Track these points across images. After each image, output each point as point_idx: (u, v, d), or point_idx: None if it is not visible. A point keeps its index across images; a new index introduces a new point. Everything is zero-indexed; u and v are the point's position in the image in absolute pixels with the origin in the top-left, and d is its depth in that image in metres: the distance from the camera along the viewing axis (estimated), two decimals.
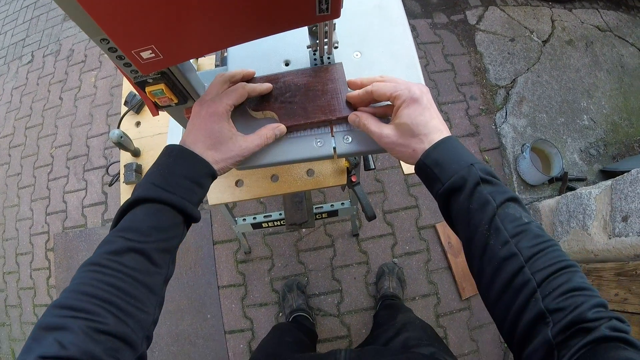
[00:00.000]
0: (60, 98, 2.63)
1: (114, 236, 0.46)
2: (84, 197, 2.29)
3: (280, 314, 1.83)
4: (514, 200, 0.47)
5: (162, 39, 0.43)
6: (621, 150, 2.18)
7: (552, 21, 2.49)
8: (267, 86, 0.60)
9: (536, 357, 0.38)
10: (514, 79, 2.29)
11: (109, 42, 0.46)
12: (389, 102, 0.55)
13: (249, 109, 0.61)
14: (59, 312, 0.39)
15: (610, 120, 2.23)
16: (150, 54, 0.45)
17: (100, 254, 0.44)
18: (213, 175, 0.55)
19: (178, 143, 0.55)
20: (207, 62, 1.03)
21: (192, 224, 0.55)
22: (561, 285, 0.39)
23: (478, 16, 2.49)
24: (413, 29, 2.44)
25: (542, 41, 2.42)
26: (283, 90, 0.61)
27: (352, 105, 0.58)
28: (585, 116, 2.22)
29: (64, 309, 0.39)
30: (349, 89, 0.59)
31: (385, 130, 0.53)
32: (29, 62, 2.91)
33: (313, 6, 0.44)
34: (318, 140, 0.58)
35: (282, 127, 0.57)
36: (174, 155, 0.53)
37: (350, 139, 0.58)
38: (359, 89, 0.57)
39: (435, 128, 0.51)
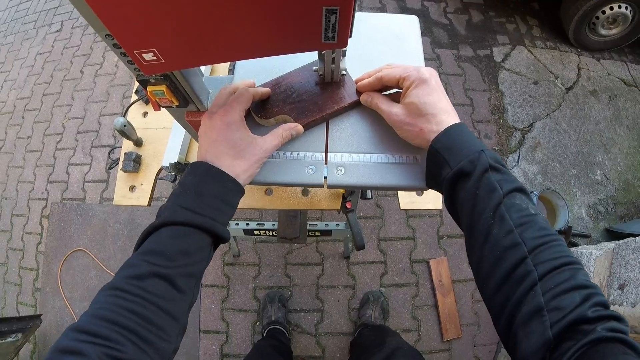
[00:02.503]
0: (82, 71, 2.66)
1: (137, 259, 0.44)
2: (87, 172, 2.31)
3: (258, 323, 1.80)
4: (522, 191, 0.46)
5: (164, 44, 0.42)
6: (630, 211, 2.13)
7: (579, 69, 2.47)
8: (266, 89, 0.59)
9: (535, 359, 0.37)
10: (532, 123, 2.26)
11: (113, 39, 0.45)
12: (397, 90, 0.56)
13: (258, 118, 0.60)
14: (76, 335, 0.37)
15: (624, 179, 2.18)
16: (152, 56, 0.44)
17: (122, 278, 0.43)
18: (241, 191, 0.53)
19: (197, 160, 0.54)
20: (220, 66, 1.02)
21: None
22: (563, 282, 0.38)
23: (504, 54, 2.47)
24: (437, 58, 2.43)
25: (566, 88, 2.39)
26: (288, 91, 0.60)
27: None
28: (598, 171, 2.18)
29: (82, 333, 0.37)
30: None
31: (395, 109, 0.54)
32: (57, 30, 2.96)
33: (319, 33, 0.42)
34: (310, 167, 0.57)
35: (299, 128, 0.57)
36: (199, 173, 0.51)
37: (343, 170, 0.56)
38: (366, 89, 0.58)
39: (442, 109, 0.51)
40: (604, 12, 2.27)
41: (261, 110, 0.60)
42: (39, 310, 1.99)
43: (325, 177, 0.56)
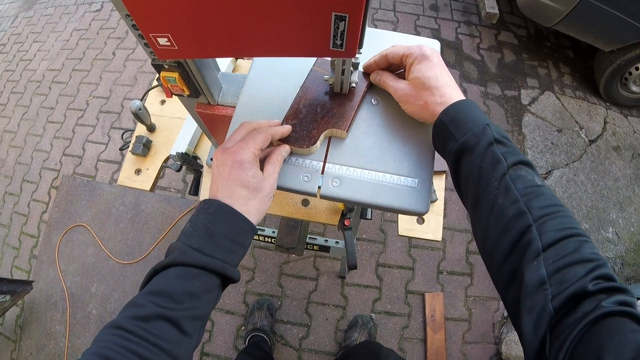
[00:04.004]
0: (114, 54, 2.73)
1: (143, 299, 0.43)
2: (102, 151, 2.35)
3: (243, 328, 1.78)
4: (527, 164, 0.45)
5: (178, 31, 0.43)
6: (637, 274, 2.05)
7: (605, 122, 2.41)
8: (287, 127, 0.57)
9: (537, 335, 0.35)
10: (550, 171, 2.22)
11: (132, 20, 0.45)
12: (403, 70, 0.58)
13: (304, 149, 0.57)
14: None
15: (635, 240, 2.11)
16: (166, 41, 0.45)
17: (127, 318, 0.42)
18: (254, 230, 0.52)
19: (209, 196, 0.52)
20: (243, 66, 1.03)
21: None
22: (568, 255, 0.37)
23: (532, 98, 2.44)
24: (464, 91, 2.41)
25: (589, 140, 2.34)
26: (312, 110, 0.59)
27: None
28: (611, 229, 2.12)
29: None
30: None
31: (401, 85, 0.56)
32: (96, 10, 3.05)
33: (327, 39, 0.42)
34: (306, 174, 0.56)
35: (287, 148, 0.56)
36: (211, 212, 0.49)
37: (339, 182, 0.55)
38: (373, 69, 0.60)
39: (445, 83, 0.52)
40: (637, 69, 2.24)
41: (300, 140, 0.57)
42: (32, 277, 2.00)
43: (319, 187, 0.55)
